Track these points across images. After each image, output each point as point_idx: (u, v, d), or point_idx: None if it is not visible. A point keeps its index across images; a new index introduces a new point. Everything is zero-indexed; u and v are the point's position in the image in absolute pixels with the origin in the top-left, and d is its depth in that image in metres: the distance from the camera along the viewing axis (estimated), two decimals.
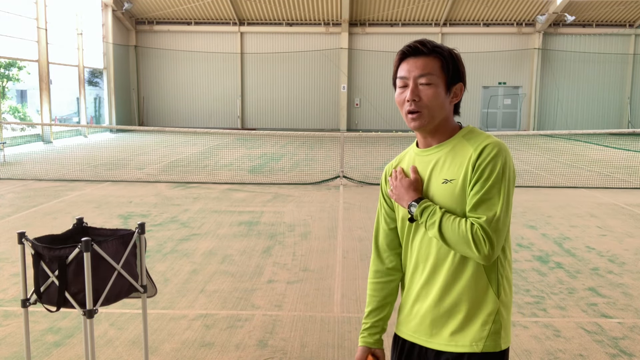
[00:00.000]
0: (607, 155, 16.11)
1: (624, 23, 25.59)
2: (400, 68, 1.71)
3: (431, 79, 1.66)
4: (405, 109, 1.68)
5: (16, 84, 20.59)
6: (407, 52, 1.70)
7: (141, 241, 2.78)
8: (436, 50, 1.68)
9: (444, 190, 1.65)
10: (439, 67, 1.67)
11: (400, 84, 1.71)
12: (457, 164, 1.65)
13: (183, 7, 24.91)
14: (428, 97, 1.65)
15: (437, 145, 1.73)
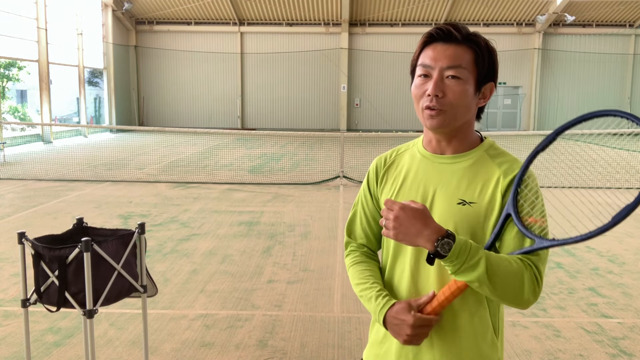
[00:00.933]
0: (607, 155, 16.11)
1: (624, 23, 25.59)
2: (424, 54, 1.42)
3: (461, 73, 1.38)
4: (423, 103, 1.41)
5: (16, 84, 20.59)
6: (436, 35, 1.40)
7: (141, 241, 2.78)
8: (471, 38, 1.40)
9: (459, 212, 1.39)
10: (472, 59, 1.40)
11: (422, 72, 1.42)
12: (480, 185, 1.40)
13: (183, 7, 24.91)
14: (455, 94, 1.38)
15: (454, 156, 1.46)
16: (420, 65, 1.43)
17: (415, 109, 1.46)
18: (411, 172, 1.50)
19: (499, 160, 1.45)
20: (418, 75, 1.44)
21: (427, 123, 1.42)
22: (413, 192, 1.47)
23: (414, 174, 1.49)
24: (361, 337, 3.84)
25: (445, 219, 1.40)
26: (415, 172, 1.49)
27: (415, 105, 1.47)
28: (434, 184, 1.45)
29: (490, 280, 1.27)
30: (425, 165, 1.48)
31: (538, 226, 1.35)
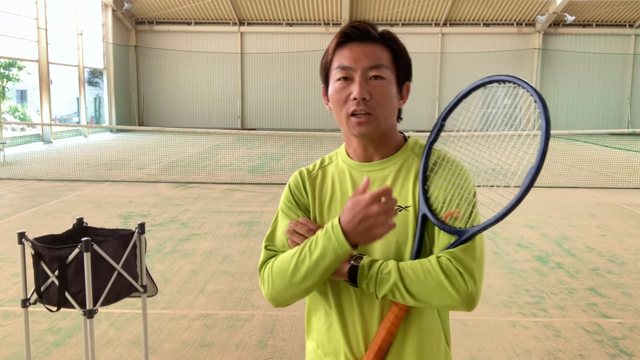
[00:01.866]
0: (607, 155, 16.10)
1: (624, 23, 25.59)
2: (340, 55, 1.31)
3: (384, 73, 1.30)
4: (348, 109, 1.30)
5: (16, 84, 20.59)
6: (352, 34, 1.30)
7: (141, 241, 2.78)
8: (387, 36, 1.33)
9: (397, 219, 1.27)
10: (391, 58, 1.33)
11: (341, 75, 1.31)
12: (412, 186, 1.34)
13: (183, 7, 24.91)
14: (381, 95, 1.29)
15: (383, 161, 1.37)
16: (338, 68, 1.31)
17: (336, 115, 1.35)
18: (339, 185, 1.38)
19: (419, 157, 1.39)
20: (337, 79, 1.32)
21: (355, 130, 1.31)
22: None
23: (342, 187, 1.38)
24: None
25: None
26: (343, 185, 1.38)
27: (336, 113, 1.34)
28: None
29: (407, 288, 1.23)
30: (354, 176, 1.38)
31: (456, 218, 1.29)
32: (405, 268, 1.25)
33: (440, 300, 1.24)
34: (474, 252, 1.26)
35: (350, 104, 1.30)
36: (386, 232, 1.17)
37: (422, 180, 1.33)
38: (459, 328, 3.99)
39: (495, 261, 5.63)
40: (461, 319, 4.15)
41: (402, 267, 1.25)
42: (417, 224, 1.30)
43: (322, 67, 1.37)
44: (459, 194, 1.31)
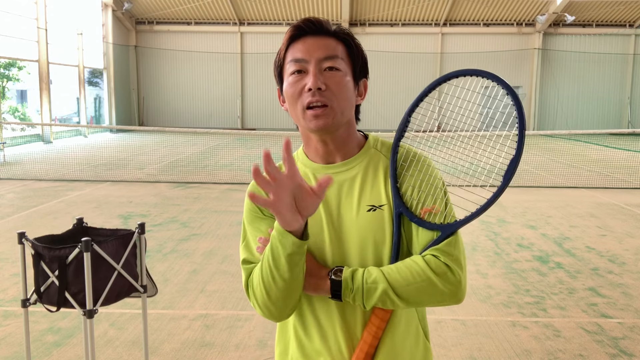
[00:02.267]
0: (607, 155, 16.11)
1: (624, 23, 25.59)
2: (293, 49, 1.27)
3: (339, 64, 1.26)
4: (304, 100, 1.23)
5: (16, 84, 20.58)
6: (306, 27, 1.26)
7: (141, 241, 2.78)
8: (341, 30, 1.29)
9: (372, 220, 1.26)
10: (345, 51, 1.29)
11: (295, 67, 1.25)
12: (382, 184, 1.30)
13: (183, 7, 24.91)
14: (337, 85, 1.24)
15: (347, 161, 1.32)
16: (291, 61, 1.26)
17: (292, 112, 1.28)
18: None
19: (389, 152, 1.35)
20: (291, 72, 1.26)
21: (312, 124, 1.24)
22: (316, 217, 1.27)
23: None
24: None
25: (359, 231, 1.27)
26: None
27: (291, 109, 1.28)
28: (335, 199, 1.29)
29: (397, 294, 1.20)
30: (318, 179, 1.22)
31: (434, 214, 1.27)
32: (391, 273, 1.21)
33: (433, 298, 1.22)
34: (457, 243, 1.25)
35: (305, 96, 1.24)
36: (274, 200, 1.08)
37: (393, 178, 1.29)
38: (459, 328, 3.99)
39: (496, 261, 5.63)
40: (461, 319, 4.16)
41: (388, 273, 1.21)
42: (394, 223, 1.27)
43: (276, 65, 1.32)
44: (431, 189, 1.30)
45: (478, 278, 5.10)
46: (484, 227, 7.10)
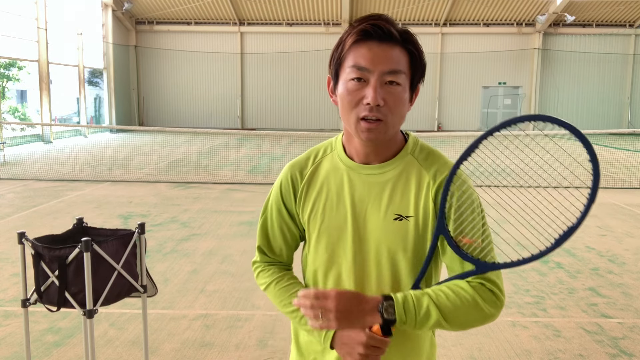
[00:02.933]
0: (607, 155, 16.11)
1: (624, 23, 25.59)
2: (356, 53, 1.23)
3: (401, 79, 1.24)
4: (359, 112, 1.24)
5: (16, 84, 20.58)
6: (373, 33, 1.22)
7: (141, 241, 2.78)
8: (408, 38, 1.25)
9: (398, 229, 1.27)
10: (408, 62, 1.26)
11: (357, 75, 1.23)
12: (413, 195, 1.29)
13: (183, 7, 24.91)
14: (395, 102, 1.24)
15: (382, 165, 1.31)
16: (353, 66, 1.23)
17: (344, 114, 1.27)
18: (335, 185, 1.33)
19: (427, 162, 1.32)
20: (350, 78, 1.24)
21: (364, 136, 1.25)
22: (342, 212, 1.31)
23: (339, 189, 1.32)
24: None
25: (382, 239, 1.28)
26: (339, 185, 1.32)
27: (344, 112, 1.27)
28: (364, 200, 1.30)
29: (447, 320, 1.22)
30: (351, 178, 1.31)
31: (474, 248, 1.26)
32: (442, 301, 1.22)
33: (478, 322, 1.26)
34: (499, 273, 1.30)
35: (362, 107, 1.23)
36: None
37: (443, 197, 1.26)
38: None
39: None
40: None
41: (438, 300, 1.22)
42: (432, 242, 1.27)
43: (334, 59, 1.29)
44: (472, 218, 1.27)
45: None
46: None
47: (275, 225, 1.42)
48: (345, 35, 1.26)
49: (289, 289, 1.38)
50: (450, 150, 17.67)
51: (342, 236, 1.32)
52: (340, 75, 1.28)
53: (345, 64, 1.25)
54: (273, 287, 1.40)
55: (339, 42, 1.28)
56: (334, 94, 1.31)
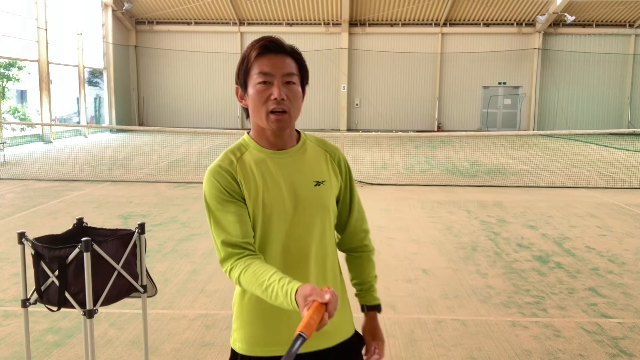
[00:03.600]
0: (607, 155, 16.11)
1: (624, 23, 25.59)
2: (260, 63, 1.58)
3: (295, 79, 1.60)
4: (268, 107, 1.57)
5: (16, 84, 20.58)
6: (270, 47, 1.58)
7: (141, 241, 2.78)
8: (294, 50, 1.64)
9: (318, 192, 1.65)
10: (297, 67, 1.63)
11: (262, 79, 1.57)
12: (321, 166, 1.69)
13: (183, 7, 24.91)
14: (294, 96, 1.59)
15: (294, 148, 1.67)
16: (260, 73, 1.57)
17: (255, 114, 1.60)
18: (263, 171, 1.62)
19: (322, 144, 1.75)
20: (257, 82, 1.58)
21: (275, 125, 1.58)
22: (278, 189, 1.61)
23: (270, 173, 1.62)
24: None
25: (312, 202, 1.63)
26: (268, 171, 1.62)
27: (255, 109, 1.59)
28: (291, 176, 1.63)
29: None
30: (275, 163, 1.63)
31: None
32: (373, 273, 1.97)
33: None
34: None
35: (270, 103, 1.57)
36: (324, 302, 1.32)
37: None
38: (458, 328, 4.00)
39: (496, 261, 5.63)
40: (461, 319, 4.16)
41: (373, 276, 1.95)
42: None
43: (242, 71, 1.61)
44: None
45: (478, 278, 5.10)
46: (484, 227, 7.10)
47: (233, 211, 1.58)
48: (248, 52, 1.60)
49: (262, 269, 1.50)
50: (450, 150, 17.68)
51: (282, 208, 1.60)
52: (248, 83, 1.61)
53: (252, 72, 1.59)
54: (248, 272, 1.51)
55: (243, 57, 1.61)
56: (243, 99, 1.65)
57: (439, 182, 10.83)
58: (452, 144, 19.59)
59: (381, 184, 10.50)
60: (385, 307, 4.38)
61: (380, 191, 9.76)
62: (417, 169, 12.68)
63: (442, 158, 15.09)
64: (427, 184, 10.54)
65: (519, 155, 15.92)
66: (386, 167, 12.91)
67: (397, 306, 4.39)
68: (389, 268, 5.37)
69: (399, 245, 6.23)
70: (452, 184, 10.62)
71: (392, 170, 12.55)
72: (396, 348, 3.67)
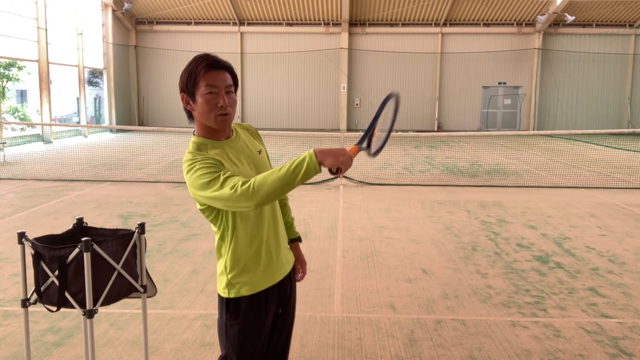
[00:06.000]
0: (607, 155, 16.11)
1: (624, 23, 25.59)
2: (207, 77, 2.04)
3: (232, 89, 2.11)
4: (217, 112, 2.06)
5: (16, 84, 20.59)
6: (215, 65, 2.06)
7: (141, 241, 2.77)
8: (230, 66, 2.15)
9: (262, 158, 2.27)
10: (232, 79, 2.13)
11: (210, 90, 2.04)
12: (253, 140, 2.30)
13: (183, 7, 24.91)
14: (233, 102, 2.11)
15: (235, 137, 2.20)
16: (207, 85, 2.04)
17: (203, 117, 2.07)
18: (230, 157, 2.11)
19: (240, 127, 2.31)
20: (205, 92, 2.04)
21: (222, 124, 2.09)
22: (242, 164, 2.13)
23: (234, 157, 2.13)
24: (361, 337, 3.84)
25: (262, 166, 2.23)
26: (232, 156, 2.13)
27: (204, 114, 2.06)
28: (245, 153, 2.19)
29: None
30: (230, 147, 2.14)
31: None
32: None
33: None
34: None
35: (217, 109, 2.06)
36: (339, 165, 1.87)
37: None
38: (459, 328, 4.00)
39: (496, 261, 5.63)
40: (461, 319, 4.16)
41: (292, 217, 2.67)
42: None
43: (190, 81, 2.05)
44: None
45: (478, 278, 5.10)
46: (484, 227, 7.11)
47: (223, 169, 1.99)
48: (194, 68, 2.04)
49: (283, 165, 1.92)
50: (450, 150, 17.67)
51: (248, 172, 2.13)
52: (196, 93, 2.06)
53: (200, 85, 2.05)
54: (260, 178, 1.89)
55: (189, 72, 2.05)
56: (189, 104, 2.11)
57: (439, 182, 10.83)
58: (452, 144, 19.59)
59: (381, 184, 10.50)
60: (385, 307, 4.38)
61: (380, 191, 9.76)
62: (417, 169, 12.68)
63: (442, 158, 15.09)
64: (427, 184, 10.54)
65: (519, 155, 15.92)
66: (386, 167, 12.91)
67: (397, 306, 4.39)
68: (389, 268, 5.37)
69: (399, 245, 6.23)
70: (452, 184, 10.62)
71: (392, 170, 12.55)
72: (396, 348, 3.67)
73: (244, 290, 2.14)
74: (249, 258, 2.15)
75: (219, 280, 2.19)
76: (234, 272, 2.14)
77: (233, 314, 2.14)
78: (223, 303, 2.17)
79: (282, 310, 2.31)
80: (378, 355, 3.56)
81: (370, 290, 4.77)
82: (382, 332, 3.91)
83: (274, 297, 2.23)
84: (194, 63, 2.05)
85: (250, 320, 2.15)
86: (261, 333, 2.20)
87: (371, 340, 3.78)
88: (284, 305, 2.31)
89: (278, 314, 2.30)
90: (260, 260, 2.18)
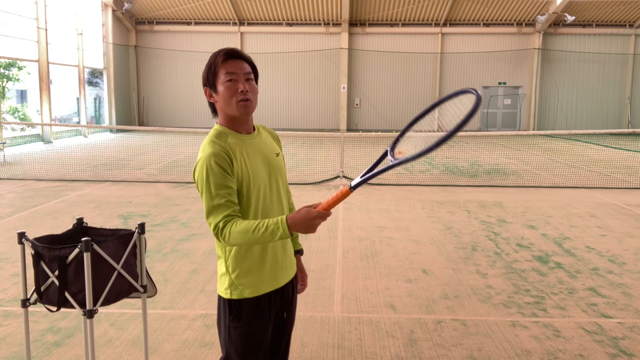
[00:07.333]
0: (607, 155, 16.11)
1: (624, 23, 25.59)
2: (226, 66, 2.09)
3: (252, 77, 2.15)
4: (238, 98, 2.08)
5: (16, 84, 20.59)
6: (232, 54, 2.12)
7: (141, 241, 2.78)
8: (249, 57, 2.19)
9: (278, 160, 2.25)
10: (251, 69, 2.16)
11: (230, 77, 2.08)
12: (273, 143, 2.29)
13: (183, 7, 24.91)
14: (253, 88, 2.14)
15: (256, 132, 2.23)
16: (227, 73, 2.08)
17: (226, 105, 2.10)
18: (246, 151, 2.12)
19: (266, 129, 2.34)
20: (225, 80, 2.08)
21: (243, 110, 2.10)
22: (256, 160, 2.14)
23: (249, 151, 2.13)
24: (361, 337, 3.84)
25: (276, 168, 2.22)
26: (248, 150, 2.13)
27: (226, 102, 2.09)
28: (262, 151, 2.18)
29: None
30: (250, 143, 2.16)
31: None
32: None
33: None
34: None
35: (238, 95, 2.08)
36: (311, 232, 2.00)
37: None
38: (459, 328, 4.00)
39: (496, 261, 5.63)
40: (461, 319, 4.16)
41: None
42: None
43: (210, 73, 2.10)
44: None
45: (478, 278, 5.10)
46: (484, 227, 7.10)
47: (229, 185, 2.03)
48: (213, 60, 2.11)
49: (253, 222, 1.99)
50: (450, 149, 17.66)
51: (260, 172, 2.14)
52: (217, 83, 2.10)
53: (219, 74, 2.09)
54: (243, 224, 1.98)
55: (209, 65, 2.11)
56: (212, 97, 2.14)
57: (439, 182, 10.83)
58: (452, 144, 19.60)
59: (381, 184, 10.50)
60: (385, 307, 4.38)
61: (380, 191, 9.76)
62: (417, 169, 12.68)
63: (442, 158, 15.09)
64: (427, 184, 10.54)
65: (519, 155, 15.92)
66: None
67: (397, 306, 4.39)
68: (389, 268, 5.37)
69: (399, 245, 6.23)
70: (452, 184, 10.61)
71: (392, 170, 12.54)
72: (396, 348, 3.67)
73: (247, 292, 2.13)
74: (254, 258, 2.15)
75: (221, 281, 2.18)
76: (236, 272, 2.13)
77: (236, 316, 2.13)
78: (225, 304, 2.16)
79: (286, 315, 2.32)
80: (378, 355, 3.56)
81: (370, 290, 4.77)
82: (382, 332, 3.91)
83: (277, 300, 2.24)
84: (213, 57, 2.12)
85: (253, 322, 2.14)
86: (264, 336, 2.19)
87: (371, 341, 3.78)
88: (288, 309, 2.32)
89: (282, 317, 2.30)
90: (266, 260, 2.17)
